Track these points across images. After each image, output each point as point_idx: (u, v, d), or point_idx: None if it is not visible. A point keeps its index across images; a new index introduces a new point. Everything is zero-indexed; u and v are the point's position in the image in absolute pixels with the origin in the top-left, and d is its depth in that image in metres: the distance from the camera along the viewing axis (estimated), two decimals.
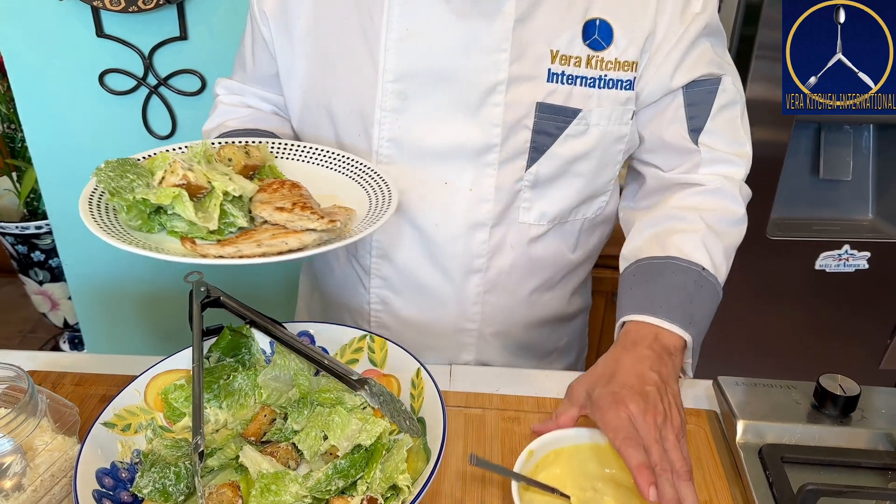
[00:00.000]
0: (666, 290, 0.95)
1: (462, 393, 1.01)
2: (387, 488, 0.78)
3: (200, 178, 0.81)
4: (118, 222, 0.81)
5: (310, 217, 0.80)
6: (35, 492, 0.75)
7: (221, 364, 0.92)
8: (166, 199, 0.79)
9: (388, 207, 0.87)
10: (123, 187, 0.81)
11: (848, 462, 0.87)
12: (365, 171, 0.97)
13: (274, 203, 0.83)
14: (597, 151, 1.01)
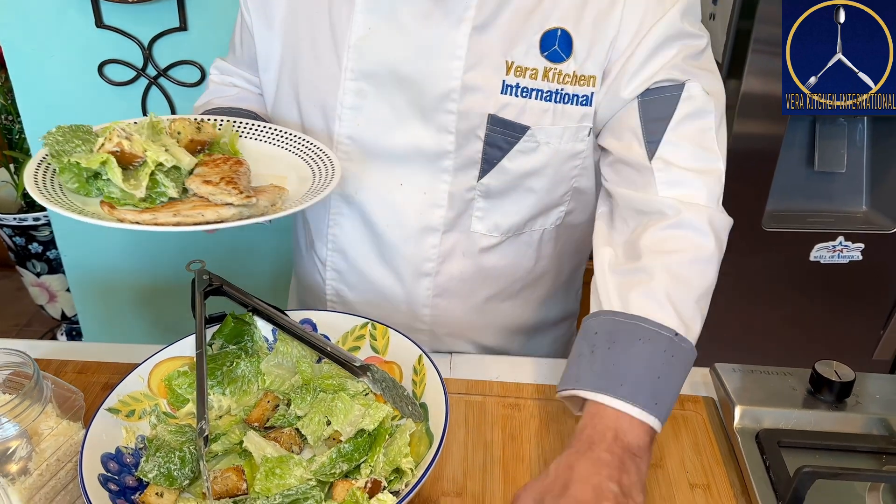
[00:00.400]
0: (630, 362, 0.82)
1: (462, 380, 1.02)
2: (390, 471, 0.79)
3: (136, 147, 0.83)
4: (59, 188, 0.83)
5: (230, 192, 0.82)
6: (41, 476, 0.75)
7: (224, 351, 0.93)
8: (95, 164, 0.81)
9: (321, 192, 0.87)
10: (67, 151, 0.83)
11: (843, 446, 0.89)
12: (321, 156, 0.97)
13: (205, 176, 0.85)
14: (548, 169, 0.98)
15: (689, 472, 0.89)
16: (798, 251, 1.75)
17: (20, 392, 0.75)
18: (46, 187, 0.82)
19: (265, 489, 0.76)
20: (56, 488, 0.77)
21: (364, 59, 0.95)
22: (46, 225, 2.01)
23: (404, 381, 0.91)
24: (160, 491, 0.77)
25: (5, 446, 0.74)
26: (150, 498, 0.77)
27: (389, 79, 0.95)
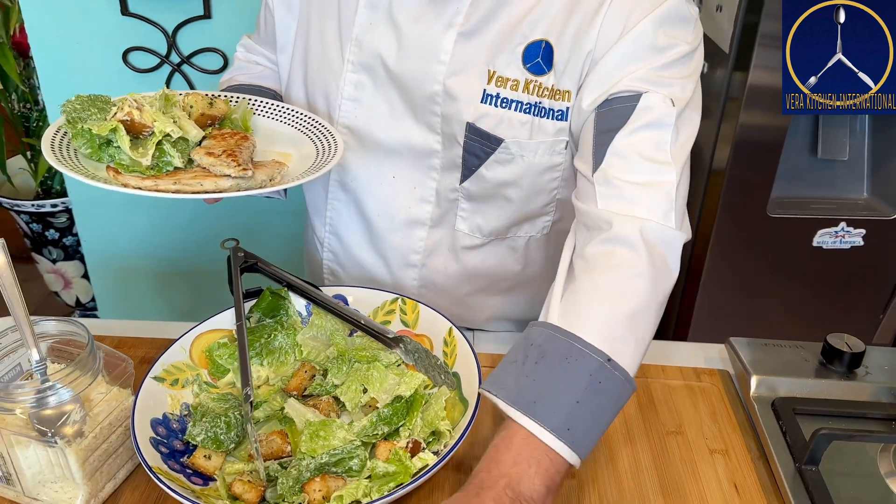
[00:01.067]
0: (552, 381, 0.76)
1: (486, 354, 1.06)
2: (428, 433, 0.83)
3: (146, 117, 0.87)
4: (74, 154, 0.88)
5: (229, 164, 0.86)
6: (95, 438, 0.79)
7: (262, 324, 0.97)
8: (105, 131, 0.85)
9: (318, 170, 0.91)
10: (82, 118, 0.87)
11: (855, 413, 0.93)
12: (326, 136, 1.00)
13: (209, 149, 0.89)
14: (524, 181, 0.99)
15: (708, 438, 0.93)
16: (801, 237, 1.79)
17: (74, 360, 0.78)
18: (62, 152, 0.87)
19: (311, 450, 0.79)
20: (108, 451, 0.81)
21: (363, 53, 0.99)
22: (63, 212, 2.03)
23: (435, 352, 0.95)
24: (208, 454, 0.81)
25: (61, 410, 0.77)
26: (198, 460, 0.80)
27: (385, 74, 0.98)
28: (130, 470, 0.85)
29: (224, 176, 0.86)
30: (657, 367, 1.04)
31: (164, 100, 0.94)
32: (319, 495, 0.75)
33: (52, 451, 0.77)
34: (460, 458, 0.88)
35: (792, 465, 0.85)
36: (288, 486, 0.76)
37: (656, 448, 0.91)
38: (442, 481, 0.85)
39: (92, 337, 0.80)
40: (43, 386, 0.76)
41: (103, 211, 1.65)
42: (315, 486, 0.76)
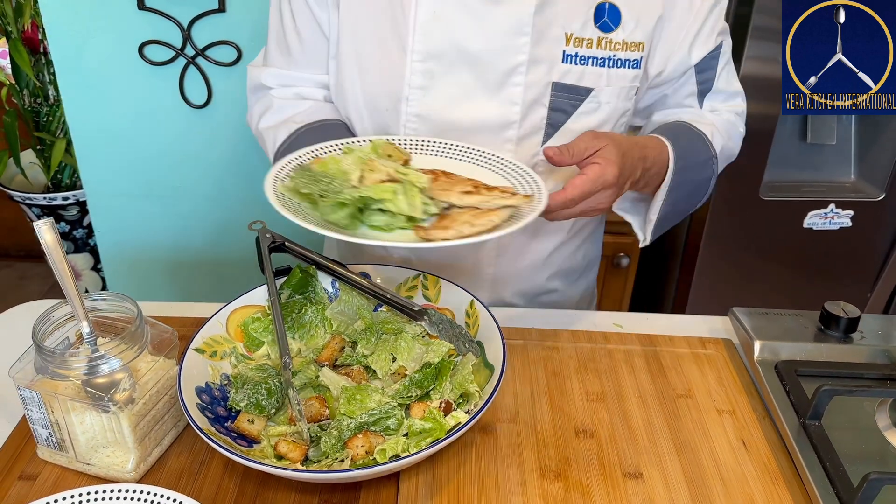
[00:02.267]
0: (677, 134, 1.09)
1: (503, 328, 1.11)
2: (458, 396, 0.88)
3: (393, 173, 0.87)
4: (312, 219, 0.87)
5: (501, 195, 0.87)
6: (145, 405, 0.83)
7: (292, 300, 1.01)
8: (388, 194, 0.85)
9: (539, 185, 0.94)
10: (326, 190, 0.86)
11: (853, 374, 0.99)
12: (491, 158, 1.03)
13: (454, 189, 0.89)
14: (606, 126, 1.09)
15: (716, 400, 0.99)
16: (793, 219, 1.86)
17: (124, 333, 0.82)
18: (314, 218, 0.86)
19: (349, 411, 0.84)
20: (156, 417, 0.85)
21: (430, 42, 1.02)
22: (74, 204, 2.06)
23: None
24: (251, 418, 0.86)
25: (112, 379, 0.81)
26: (242, 424, 0.85)
27: (455, 58, 1.03)
28: (175, 437, 0.89)
29: (502, 208, 0.87)
30: (665, 337, 1.10)
31: (347, 151, 0.96)
32: (363, 450, 0.80)
33: (105, 416, 0.81)
34: (487, 421, 0.93)
35: (796, 421, 0.91)
36: (331, 444, 0.81)
37: (668, 410, 0.97)
38: (470, 441, 0.90)
39: (141, 310, 0.85)
40: (95, 355, 0.80)
41: (118, 202, 1.68)
42: (358, 441, 0.81)
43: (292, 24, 1.11)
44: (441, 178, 0.93)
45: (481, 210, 0.87)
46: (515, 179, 0.98)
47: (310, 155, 0.99)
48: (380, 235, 0.85)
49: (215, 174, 1.63)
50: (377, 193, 0.84)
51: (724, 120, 1.16)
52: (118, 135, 1.58)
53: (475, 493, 0.84)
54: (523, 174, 0.99)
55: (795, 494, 0.85)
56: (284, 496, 0.83)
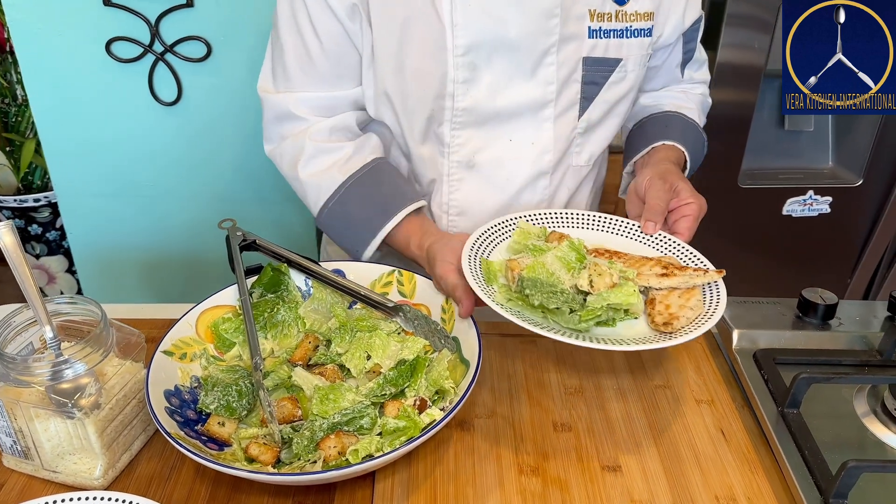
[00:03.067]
0: (685, 131, 1.20)
1: (480, 322, 1.09)
2: (433, 393, 0.87)
3: (615, 271, 0.89)
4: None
5: (696, 275, 0.91)
6: (111, 410, 0.81)
7: (264, 299, 0.99)
8: (633, 298, 0.86)
9: (700, 257, 0.99)
10: (566, 301, 0.87)
11: (831, 360, 0.99)
12: (619, 224, 1.07)
13: (645, 272, 0.92)
14: (632, 92, 1.16)
15: (694, 390, 0.98)
16: (772, 206, 1.86)
17: (89, 336, 0.80)
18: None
19: (322, 411, 0.83)
20: (124, 422, 0.83)
21: (471, 34, 1.02)
22: (46, 206, 2.03)
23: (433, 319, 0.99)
24: (221, 421, 0.84)
25: (77, 384, 0.79)
26: (212, 427, 0.84)
27: (494, 46, 1.04)
28: (144, 441, 0.87)
29: (694, 288, 0.91)
30: None
31: (535, 250, 0.96)
32: (335, 451, 0.79)
33: (70, 423, 0.79)
34: (464, 417, 0.92)
35: (775, 409, 0.91)
36: (303, 445, 0.80)
37: (646, 401, 0.96)
38: (447, 437, 0.89)
39: (105, 312, 0.83)
40: (59, 360, 0.78)
41: (89, 203, 1.65)
42: (330, 442, 0.79)
43: (316, 42, 1.05)
44: (613, 257, 0.97)
45: (682, 290, 0.90)
46: (657, 243, 1.04)
47: (481, 244, 0.99)
48: (615, 334, 0.87)
49: (188, 173, 1.60)
50: (625, 301, 0.86)
51: (699, 98, 1.28)
52: (88, 134, 1.55)
53: (452, 491, 0.82)
54: (669, 242, 1.03)
55: (774, 483, 0.84)
56: (257, 499, 0.81)
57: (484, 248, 0.98)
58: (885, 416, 0.89)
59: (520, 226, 1.02)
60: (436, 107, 1.08)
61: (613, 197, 1.70)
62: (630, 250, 1.01)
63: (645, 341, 0.83)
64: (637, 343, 0.83)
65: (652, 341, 0.83)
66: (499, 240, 1.01)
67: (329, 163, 1.10)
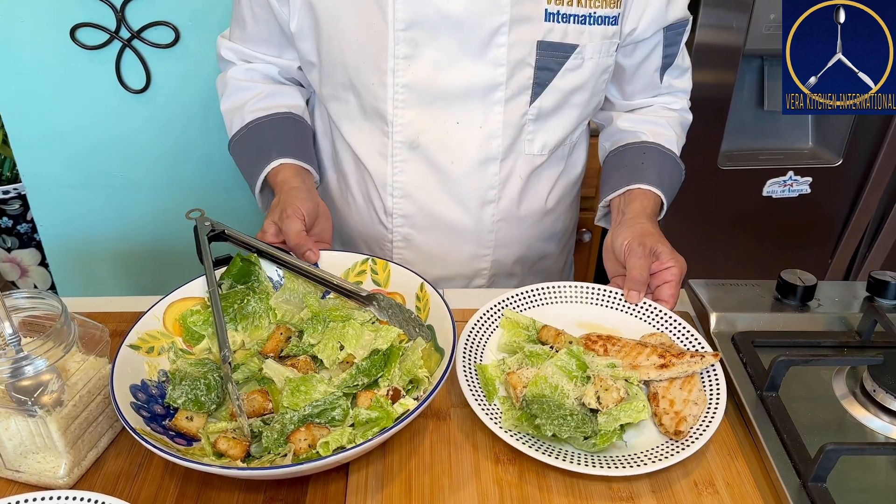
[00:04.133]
0: (661, 170, 1.16)
1: (457, 310, 1.07)
2: (407, 382, 0.85)
3: (621, 383, 0.85)
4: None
5: (694, 361, 0.87)
6: (75, 406, 0.79)
7: (233, 290, 0.97)
8: (643, 415, 0.82)
9: (699, 339, 0.95)
10: (578, 427, 0.82)
11: (810, 342, 0.98)
12: (604, 294, 1.03)
13: (641, 364, 0.88)
14: (590, 82, 1.10)
15: None
16: (752, 187, 1.85)
17: (49, 331, 0.78)
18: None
19: (293, 404, 0.81)
20: (89, 419, 0.81)
21: (411, 9, 1.00)
22: (16, 198, 1.98)
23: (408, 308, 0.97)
24: (189, 415, 0.82)
25: (38, 381, 0.77)
26: (181, 422, 0.81)
27: (438, 23, 1.01)
28: (112, 438, 0.85)
29: (693, 375, 0.88)
30: None
31: (532, 356, 0.91)
32: (305, 444, 0.77)
33: (32, 421, 0.76)
34: (440, 407, 0.90)
35: (754, 393, 0.90)
36: (273, 439, 0.78)
37: None
38: (422, 427, 0.87)
39: (66, 307, 0.80)
40: (18, 356, 0.75)
41: (59, 194, 1.62)
42: (300, 435, 0.77)
43: (248, 7, 1.12)
44: (607, 344, 0.93)
45: (682, 380, 0.87)
46: (644, 314, 1.00)
47: (471, 347, 0.95)
48: (628, 449, 0.83)
49: (159, 162, 1.57)
50: (635, 417, 0.82)
51: (678, 119, 1.23)
52: (55, 124, 1.51)
53: (427, 481, 0.81)
54: (655, 312, 1.00)
55: (754, 468, 0.83)
56: (228, 496, 0.79)
57: (474, 349, 0.95)
58: (865, 398, 0.89)
59: (506, 315, 0.98)
60: (378, 83, 1.06)
61: (595, 181, 1.69)
62: (620, 324, 0.99)
63: (662, 455, 0.80)
64: (655, 460, 0.79)
65: (668, 456, 0.79)
66: (487, 334, 0.98)
67: (243, 100, 1.18)
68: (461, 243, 1.20)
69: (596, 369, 0.87)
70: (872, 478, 0.80)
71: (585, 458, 0.80)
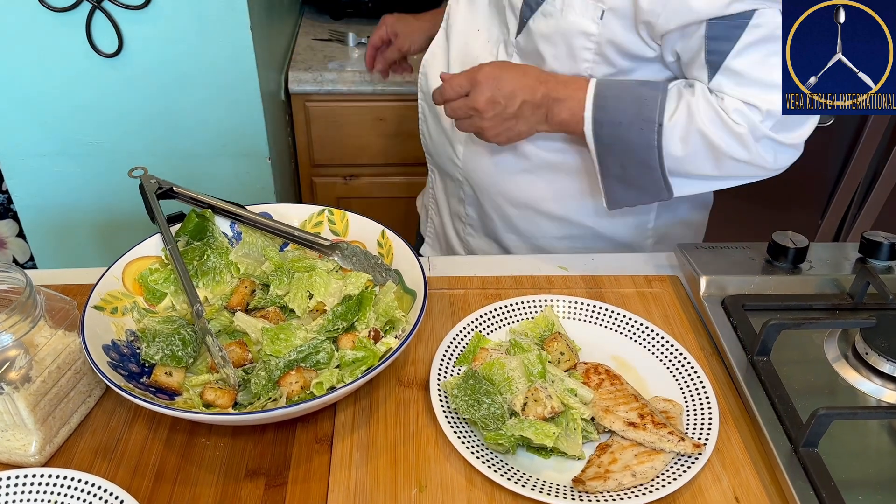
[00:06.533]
0: (625, 95, 0.98)
1: (443, 278, 1.05)
2: (384, 323, 0.87)
3: (556, 403, 0.78)
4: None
5: (669, 439, 0.76)
6: (44, 382, 0.76)
7: (191, 247, 0.95)
8: (548, 440, 0.75)
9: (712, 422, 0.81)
10: (487, 417, 0.78)
11: (801, 305, 0.96)
12: (645, 330, 0.93)
13: (617, 412, 0.80)
14: (558, 37, 1.01)
15: None
16: None
17: (14, 304, 0.75)
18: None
19: (276, 351, 0.81)
20: (59, 395, 0.78)
21: None
22: None
23: None
24: (168, 370, 0.81)
25: (4, 356, 0.74)
26: (160, 377, 0.80)
27: None
28: (84, 414, 0.82)
29: (661, 452, 0.77)
30: (610, 278, 1.05)
31: (515, 347, 0.88)
32: (297, 386, 0.78)
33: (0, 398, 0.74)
34: (425, 377, 0.88)
35: (744, 357, 0.88)
36: (262, 385, 0.79)
37: None
38: (407, 398, 0.86)
39: (31, 280, 0.77)
40: None
41: (33, 163, 1.56)
42: (291, 378, 0.78)
43: None
44: (606, 381, 0.85)
45: (645, 449, 0.77)
46: (673, 365, 0.89)
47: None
48: (536, 466, 0.78)
49: (134, 128, 1.51)
50: (537, 437, 0.76)
51: (711, 106, 0.95)
52: (25, 90, 1.45)
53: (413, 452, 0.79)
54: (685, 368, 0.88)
55: (744, 433, 0.82)
56: (208, 472, 0.77)
57: (490, 323, 0.94)
58: (857, 361, 0.87)
59: (546, 311, 0.95)
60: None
61: None
62: (626, 353, 0.92)
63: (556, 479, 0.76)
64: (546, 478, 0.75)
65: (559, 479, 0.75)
66: (514, 319, 0.96)
67: None
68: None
69: (546, 382, 0.82)
70: (864, 441, 0.79)
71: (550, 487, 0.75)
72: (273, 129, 1.63)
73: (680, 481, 0.74)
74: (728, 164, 0.98)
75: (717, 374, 0.89)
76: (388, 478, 0.77)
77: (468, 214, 1.28)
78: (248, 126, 1.55)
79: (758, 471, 0.78)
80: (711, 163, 0.98)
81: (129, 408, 0.83)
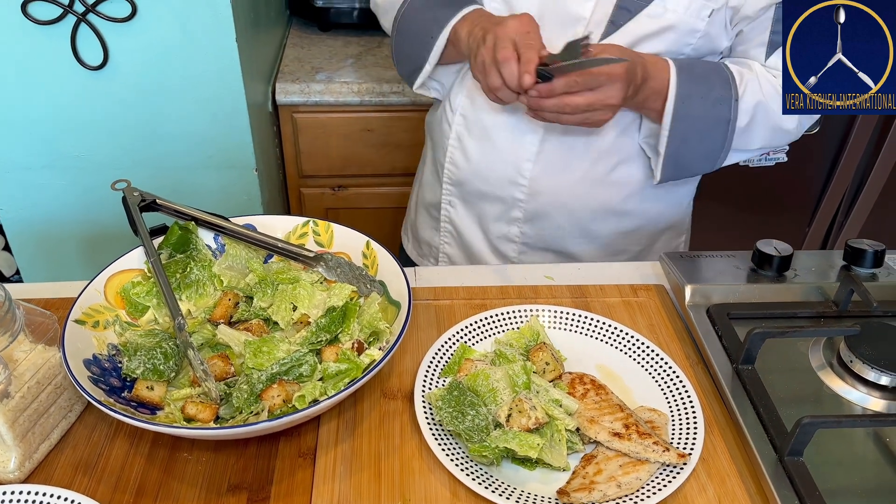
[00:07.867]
0: (700, 74, 1.03)
1: (429, 288, 1.05)
2: (368, 335, 0.86)
3: (541, 414, 0.78)
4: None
5: (654, 449, 0.76)
6: (23, 398, 0.75)
7: (174, 259, 0.95)
8: (532, 452, 0.75)
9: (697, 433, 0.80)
10: (471, 429, 0.77)
11: (786, 313, 0.96)
12: (632, 341, 0.92)
13: (602, 422, 0.79)
14: (668, 34, 1.03)
15: None
16: None
17: None
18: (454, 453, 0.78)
19: (258, 364, 0.81)
20: (39, 411, 0.77)
21: None
22: None
23: None
24: (150, 385, 0.80)
25: None
26: (141, 392, 0.80)
27: None
28: (65, 430, 0.81)
29: (646, 462, 0.76)
30: (595, 287, 1.05)
31: (500, 357, 0.87)
32: (279, 399, 0.77)
33: None
34: (408, 388, 0.88)
35: (729, 366, 0.88)
36: (244, 399, 0.78)
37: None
38: (393, 411, 0.85)
39: (9, 294, 0.76)
40: None
41: (19, 176, 1.56)
42: (273, 392, 0.78)
43: None
44: (591, 391, 0.84)
45: (630, 460, 0.77)
46: (659, 375, 0.88)
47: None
48: (521, 478, 0.77)
49: (121, 141, 1.51)
50: (522, 449, 0.75)
51: (771, 82, 1.05)
52: (11, 103, 1.44)
53: (398, 465, 0.79)
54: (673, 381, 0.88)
55: (730, 442, 0.81)
56: (190, 486, 0.76)
57: (474, 335, 0.94)
58: (841, 369, 0.87)
59: (531, 322, 0.95)
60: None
61: None
62: (611, 363, 0.92)
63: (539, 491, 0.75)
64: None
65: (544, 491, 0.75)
66: (500, 330, 0.95)
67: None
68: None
69: (531, 393, 0.81)
70: (849, 449, 0.79)
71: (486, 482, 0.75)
72: (260, 140, 1.63)
73: (665, 491, 0.73)
74: (780, 135, 1.09)
75: (703, 383, 0.89)
76: (372, 491, 0.76)
77: (523, 233, 1.24)
78: (234, 138, 1.54)
79: (743, 480, 0.77)
80: (769, 134, 1.08)
81: (110, 423, 0.83)
